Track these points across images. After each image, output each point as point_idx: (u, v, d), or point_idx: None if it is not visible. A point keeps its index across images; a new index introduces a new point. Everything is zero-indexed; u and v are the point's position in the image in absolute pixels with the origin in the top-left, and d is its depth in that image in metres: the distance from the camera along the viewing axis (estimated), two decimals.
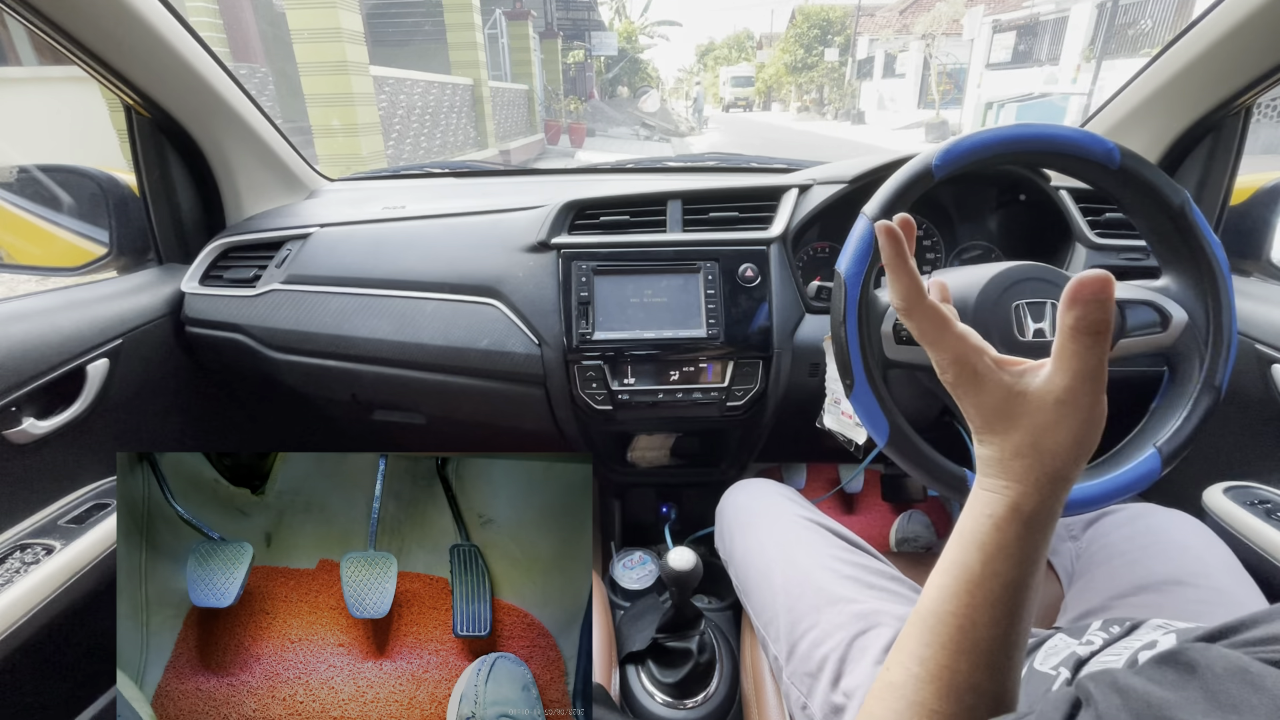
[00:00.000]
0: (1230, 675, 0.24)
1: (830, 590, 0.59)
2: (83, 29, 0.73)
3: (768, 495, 0.77)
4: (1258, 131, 4.58)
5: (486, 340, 0.85)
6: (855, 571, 0.62)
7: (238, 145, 0.99)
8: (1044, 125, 0.56)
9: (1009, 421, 0.33)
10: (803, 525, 0.69)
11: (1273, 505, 0.72)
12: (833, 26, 25.22)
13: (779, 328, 0.84)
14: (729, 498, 0.80)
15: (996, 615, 0.32)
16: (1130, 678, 0.28)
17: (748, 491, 0.79)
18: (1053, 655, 0.48)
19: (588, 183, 1.14)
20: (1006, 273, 0.62)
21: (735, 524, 0.75)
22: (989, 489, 0.34)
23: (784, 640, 0.60)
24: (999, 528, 0.33)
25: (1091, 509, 0.56)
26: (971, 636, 0.32)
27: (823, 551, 0.64)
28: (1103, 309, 0.29)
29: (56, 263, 1.05)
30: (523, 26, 10.63)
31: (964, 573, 0.33)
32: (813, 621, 0.58)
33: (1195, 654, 0.27)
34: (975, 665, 0.32)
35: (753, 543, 0.70)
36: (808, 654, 0.56)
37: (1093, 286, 0.29)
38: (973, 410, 0.35)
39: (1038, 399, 0.32)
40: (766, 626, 0.63)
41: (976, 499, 0.34)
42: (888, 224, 0.35)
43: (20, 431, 0.68)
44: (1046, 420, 0.32)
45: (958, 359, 0.34)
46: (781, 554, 0.66)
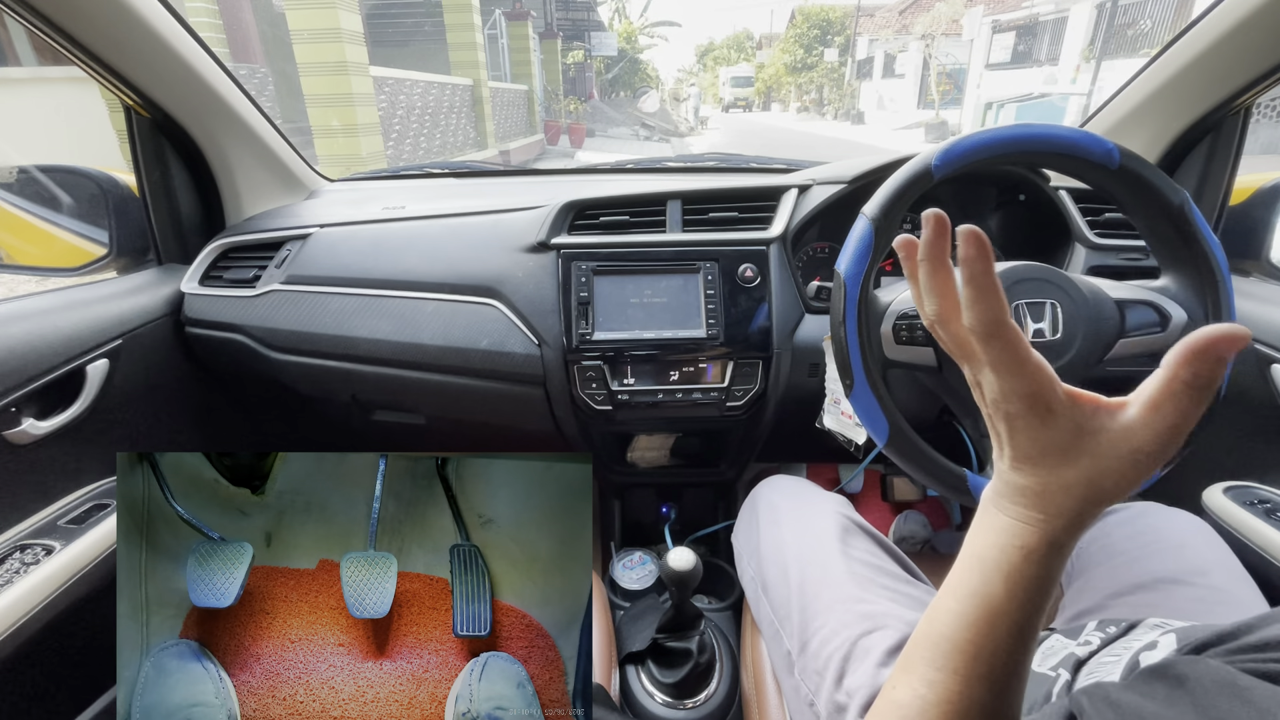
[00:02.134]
0: (1219, 689, 0.25)
1: (843, 588, 0.59)
2: (83, 29, 0.73)
3: (802, 493, 0.75)
4: (1257, 131, 4.58)
5: (486, 340, 0.85)
6: (870, 572, 0.61)
7: (238, 146, 0.99)
8: (1043, 125, 0.56)
9: (1067, 458, 0.30)
10: (833, 521, 0.67)
11: (1273, 505, 0.72)
12: (832, 27, 25.24)
13: (779, 328, 0.84)
14: (761, 493, 0.79)
15: (1014, 645, 0.31)
16: (1123, 692, 0.29)
17: (780, 488, 0.78)
18: (1050, 656, 0.48)
19: (587, 183, 1.14)
20: (1006, 273, 0.62)
21: (764, 519, 0.73)
22: (1022, 520, 0.31)
23: (797, 636, 0.59)
24: (1031, 560, 0.31)
25: None
26: (988, 664, 0.31)
27: (847, 550, 0.64)
28: (1223, 366, 0.26)
29: (56, 263, 1.05)
30: (522, 27, 10.64)
31: (986, 604, 0.32)
32: (824, 620, 0.58)
33: (1185, 667, 0.27)
34: (987, 691, 0.31)
35: (781, 537, 0.69)
36: (817, 651, 0.56)
37: (1224, 343, 0.25)
38: (1027, 443, 0.31)
39: (1111, 443, 0.29)
40: (783, 622, 0.63)
41: (1003, 529, 0.32)
42: (974, 230, 0.29)
43: (20, 431, 0.68)
44: (1115, 465, 0.29)
45: (1034, 393, 0.30)
46: (805, 549, 0.65)
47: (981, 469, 0.59)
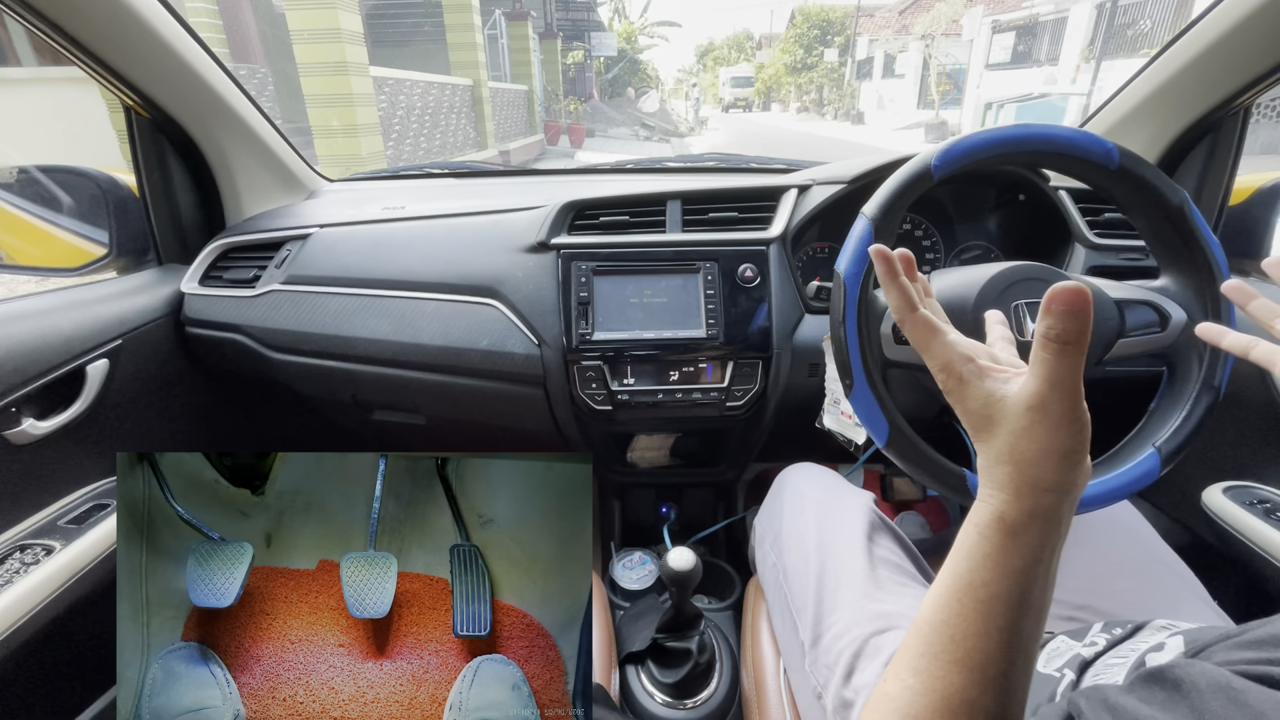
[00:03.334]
0: (1214, 692, 0.25)
1: (862, 585, 0.59)
2: (83, 29, 0.73)
3: (833, 484, 0.75)
4: (1257, 131, 4.58)
5: (486, 340, 0.85)
6: (890, 571, 0.61)
7: (237, 146, 0.99)
8: (1043, 125, 0.56)
9: (991, 428, 0.33)
10: (861, 516, 0.67)
11: (1272, 505, 0.72)
12: (832, 27, 25.24)
13: (778, 328, 0.84)
14: (789, 479, 0.78)
15: (987, 627, 0.32)
16: (1121, 696, 0.29)
17: (806, 476, 0.77)
18: (1056, 657, 0.48)
19: (587, 183, 1.14)
20: (1005, 273, 0.62)
21: (790, 506, 0.73)
22: (980, 497, 0.34)
23: (811, 628, 0.59)
24: (984, 536, 0.33)
25: (1092, 509, 0.56)
26: (963, 647, 0.32)
27: (870, 547, 0.64)
28: (1073, 320, 0.29)
29: (56, 263, 1.05)
30: (522, 27, 10.64)
31: (953, 580, 0.33)
32: (840, 614, 0.58)
33: (1182, 671, 0.27)
34: (969, 680, 0.32)
35: (806, 525, 0.69)
36: (830, 645, 0.56)
37: (1064, 298, 0.29)
38: (962, 415, 0.35)
39: (1013, 405, 0.32)
40: (799, 612, 0.62)
41: (971, 510, 0.35)
42: (881, 248, 0.38)
43: (20, 432, 0.68)
44: (1020, 426, 0.32)
45: (945, 365, 0.36)
46: (829, 541, 0.65)
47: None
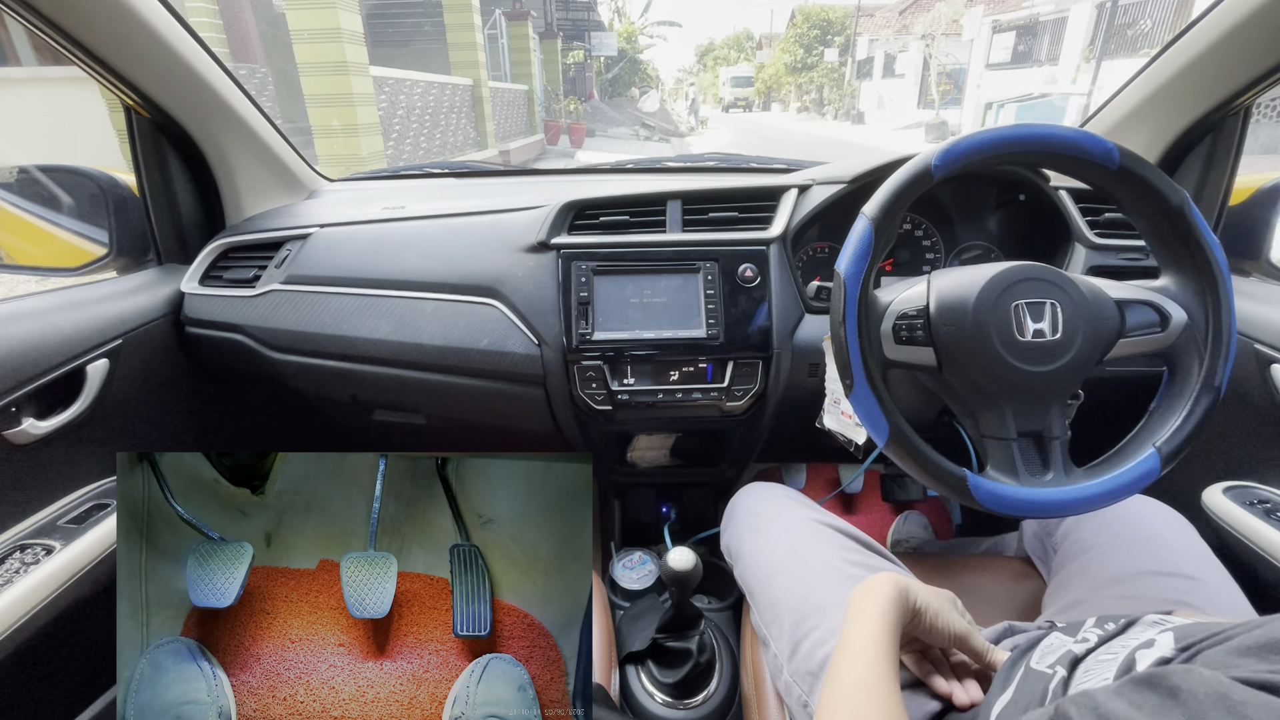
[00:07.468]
0: (1212, 701, 0.24)
1: (835, 591, 0.59)
2: (83, 29, 0.73)
3: (778, 499, 0.77)
4: (1257, 131, 4.57)
5: (486, 340, 0.85)
6: (863, 573, 0.62)
7: (237, 145, 0.99)
8: (1043, 125, 0.56)
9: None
10: (813, 528, 0.69)
11: (1272, 505, 0.72)
12: (832, 27, 25.22)
13: (778, 328, 0.84)
14: (739, 500, 0.80)
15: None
16: (1112, 701, 0.28)
17: (757, 495, 0.79)
18: (1049, 654, 0.48)
19: (587, 183, 1.14)
20: (1006, 273, 0.62)
21: (745, 526, 0.75)
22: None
23: (787, 639, 0.60)
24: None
25: (1092, 508, 0.56)
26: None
27: (831, 553, 0.65)
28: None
29: (56, 263, 1.05)
30: (522, 27, 10.63)
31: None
32: (816, 621, 0.58)
33: (1178, 678, 0.26)
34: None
35: (761, 544, 0.70)
36: (810, 653, 0.57)
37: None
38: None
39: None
40: (769, 625, 0.63)
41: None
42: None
43: (20, 431, 0.68)
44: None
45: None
46: (789, 555, 0.66)
47: (981, 469, 0.59)
